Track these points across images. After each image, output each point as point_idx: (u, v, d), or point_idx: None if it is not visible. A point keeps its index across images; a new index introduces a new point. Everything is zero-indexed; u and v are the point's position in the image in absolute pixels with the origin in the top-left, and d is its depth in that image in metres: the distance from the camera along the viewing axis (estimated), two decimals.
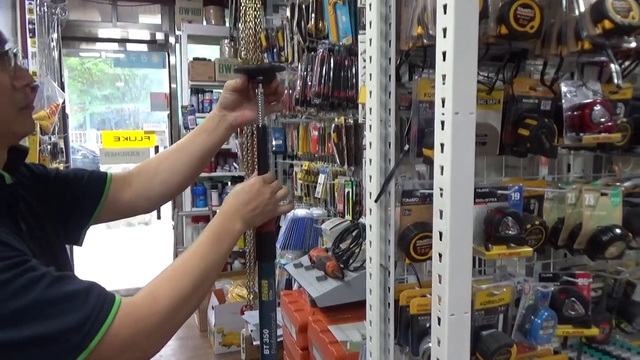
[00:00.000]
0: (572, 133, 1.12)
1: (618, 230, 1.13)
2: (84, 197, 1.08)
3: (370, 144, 1.16)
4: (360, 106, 1.40)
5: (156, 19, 5.51)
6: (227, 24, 5.11)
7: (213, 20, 5.10)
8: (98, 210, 1.09)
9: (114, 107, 17.31)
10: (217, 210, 1.05)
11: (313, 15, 2.72)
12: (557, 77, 1.09)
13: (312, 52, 2.73)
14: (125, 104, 17.20)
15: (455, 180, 0.85)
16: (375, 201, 1.13)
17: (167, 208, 5.58)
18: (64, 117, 4.89)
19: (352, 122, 2.60)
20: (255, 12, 3.58)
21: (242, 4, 3.61)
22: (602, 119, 1.09)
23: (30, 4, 4.11)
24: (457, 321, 0.87)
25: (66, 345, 0.72)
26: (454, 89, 0.84)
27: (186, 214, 5.14)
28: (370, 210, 1.16)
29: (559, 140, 1.13)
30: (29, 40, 4.16)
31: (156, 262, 5.71)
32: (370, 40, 1.14)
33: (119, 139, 5.10)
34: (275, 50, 3.52)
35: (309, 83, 2.70)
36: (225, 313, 3.80)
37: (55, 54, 4.67)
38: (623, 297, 1.31)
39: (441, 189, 0.88)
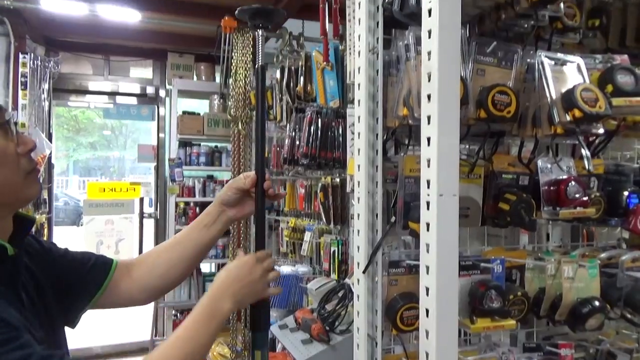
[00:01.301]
0: (549, 207, 1.18)
1: (597, 303, 1.17)
2: (87, 281, 1.08)
3: (359, 215, 1.20)
4: (348, 177, 1.45)
5: (147, 73, 5.65)
6: (217, 80, 5.25)
7: (204, 76, 5.24)
8: (98, 295, 1.09)
9: (99, 154, 17.29)
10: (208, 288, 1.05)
11: (302, 78, 2.84)
12: (533, 157, 1.16)
13: (301, 114, 2.83)
14: (110, 152, 17.20)
15: (440, 258, 0.89)
16: (364, 272, 1.16)
17: None
18: (49, 167, 4.89)
19: (338, 181, 2.66)
20: (246, 72, 3.71)
21: (233, 64, 3.74)
22: (577, 195, 1.16)
23: (24, 57, 4.20)
24: None
25: None
26: (438, 172, 0.89)
27: (169, 304, 4.93)
28: (358, 280, 1.19)
29: (537, 214, 1.18)
30: (20, 92, 4.22)
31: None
32: (359, 117, 1.20)
33: (104, 189, 5.08)
34: (264, 108, 3.62)
35: (297, 143, 2.77)
36: None
37: (46, 105, 4.73)
38: None
39: (427, 267, 0.91)
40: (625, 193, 1.31)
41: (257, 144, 1.20)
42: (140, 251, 5.07)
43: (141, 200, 5.16)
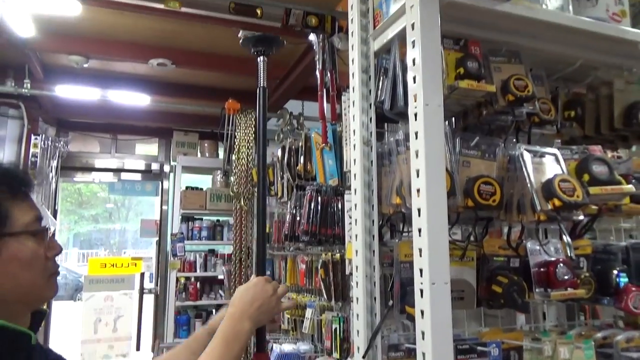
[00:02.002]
0: (540, 289, 1.23)
1: None
2: None
3: (358, 299, 1.25)
4: (347, 261, 1.51)
5: (153, 150, 5.84)
6: (221, 156, 5.43)
7: (207, 153, 5.43)
8: None
9: (100, 227, 17.32)
10: (225, 313, 1.09)
11: (302, 157, 2.96)
12: (520, 241, 1.23)
13: (301, 191, 2.92)
14: (112, 224, 17.24)
15: (436, 345, 0.93)
16: (364, 357, 1.19)
17: (147, 338, 5.37)
18: None
19: (338, 257, 2.69)
20: (248, 150, 3.87)
21: (236, 142, 3.91)
22: (566, 277, 1.21)
23: (36, 139, 4.39)
24: None
25: None
26: (429, 261, 0.95)
27: (168, 345, 4.92)
28: None
29: (529, 295, 1.23)
30: (29, 172, 4.36)
31: None
32: (356, 205, 1.28)
33: (105, 265, 5.08)
34: (266, 184, 3.75)
35: (298, 219, 2.84)
36: None
37: (53, 182, 4.87)
38: None
39: (423, 353, 0.95)
40: (615, 272, 1.36)
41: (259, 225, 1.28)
42: (139, 329, 4.99)
43: (142, 275, 5.15)
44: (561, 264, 1.22)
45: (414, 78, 1.03)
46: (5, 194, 0.87)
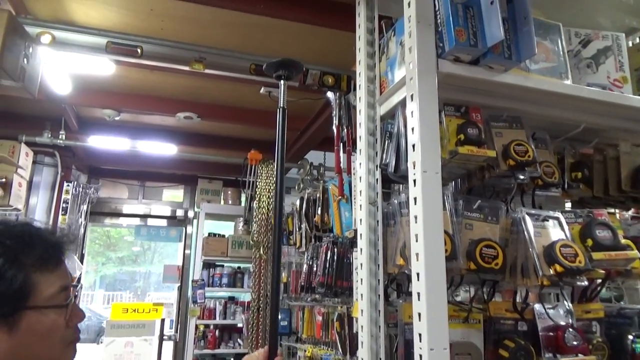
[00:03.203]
0: (549, 354, 1.21)
1: None
2: None
3: (363, 359, 1.25)
4: (354, 319, 1.51)
5: (178, 196, 6.00)
6: (242, 204, 5.54)
7: (230, 200, 5.54)
8: None
9: (126, 269, 17.53)
10: None
11: (319, 209, 3.01)
12: (526, 305, 1.22)
13: (318, 242, 2.95)
14: (137, 267, 17.44)
15: None
16: None
17: None
18: (76, 286, 5.04)
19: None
20: (268, 199, 3.94)
21: (257, 192, 4.00)
22: (575, 342, 1.19)
23: (68, 185, 4.59)
24: None
25: None
26: (428, 327, 0.97)
27: None
28: None
29: None
30: (60, 217, 4.54)
31: None
32: (362, 264, 1.31)
33: (128, 310, 5.14)
34: (285, 233, 3.79)
35: (314, 270, 2.85)
36: None
37: (82, 227, 5.03)
38: None
39: None
40: (630, 337, 1.33)
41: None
42: None
43: (162, 321, 5.17)
44: (570, 329, 1.20)
45: (413, 146, 1.08)
46: (35, 265, 0.86)
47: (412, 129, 1.09)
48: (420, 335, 0.99)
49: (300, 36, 2.43)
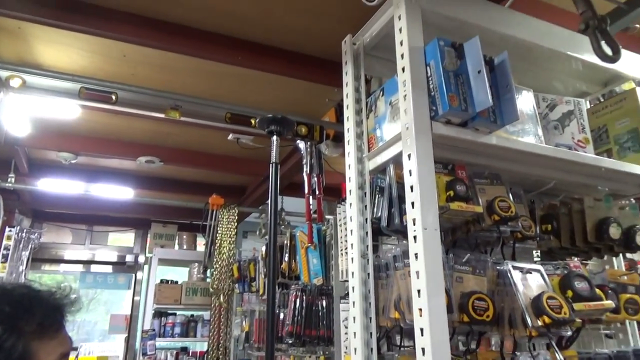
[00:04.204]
0: None
1: None
2: None
3: None
4: None
5: (128, 241, 5.75)
6: (199, 249, 5.39)
7: (185, 245, 5.38)
8: None
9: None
10: None
11: (287, 255, 2.99)
12: (514, 355, 1.27)
13: (285, 290, 2.92)
14: (77, 316, 16.24)
15: None
16: None
17: None
18: None
19: (322, 359, 2.64)
20: (230, 245, 3.87)
21: (218, 237, 3.92)
22: None
23: (10, 231, 4.29)
24: None
25: None
26: None
27: None
28: None
29: None
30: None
31: None
32: (354, 317, 1.32)
33: None
34: (246, 280, 3.71)
35: (281, 319, 2.80)
36: None
37: (22, 275, 4.67)
38: None
39: None
40: None
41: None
42: None
43: None
44: None
45: (412, 203, 1.13)
46: (34, 332, 0.83)
47: (411, 187, 1.14)
48: None
49: (274, 85, 2.49)
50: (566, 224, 1.62)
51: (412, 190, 1.14)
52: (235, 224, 3.94)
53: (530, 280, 1.27)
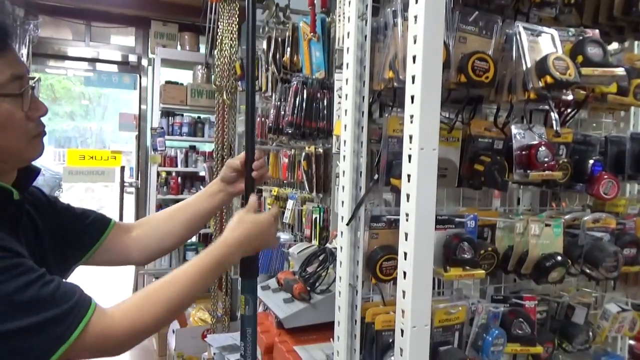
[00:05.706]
0: (520, 170, 1.27)
1: (559, 257, 1.28)
2: (85, 234, 1.14)
3: (344, 172, 1.28)
4: (334, 137, 1.52)
5: (129, 41, 5.56)
6: (202, 51, 5.22)
7: (187, 46, 5.20)
8: (94, 250, 1.15)
9: (76, 124, 16.92)
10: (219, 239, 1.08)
11: (288, 49, 2.86)
12: (508, 121, 1.25)
13: (286, 84, 2.86)
14: (88, 122, 16.86)
15: (419, 207, 0.97)
16: (347, 224, 1.24)
17: None
18: None
19: (321, 151, 2.72)
20: (231, 42, 3.70)
21: (219, 33, 3.73)
22: (546, 159, 1.25)
23: None
24: (418, 333, 0.98)
25: (50, 335, 0.79)
26: (420, 127, 0.97)
27: (149, 272, 4.94)
28: (342, 233, 1.27)
29: (509, 176, 1.27)
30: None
31: None
32: (347, 80, 1.27)
33: (84, 157, 5.04)
34: None
35: (282, 112, 2.81)
36: (187, 337, 3.76)
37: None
38: (564, 319, 1.45)
39: (407, 214, 1.00)
40: (591, 161, 1.42)
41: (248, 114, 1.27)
42: (121, 220, 5.10)
43: (122, 168, 5.15)
44: (543, 147, 1.25)
45: None
46: None
47: None
48: (410, 136, 1.00)
49: None
50: None
51: None
52: (237, 18, 3.70)
53: (539, 43, 1.17)
